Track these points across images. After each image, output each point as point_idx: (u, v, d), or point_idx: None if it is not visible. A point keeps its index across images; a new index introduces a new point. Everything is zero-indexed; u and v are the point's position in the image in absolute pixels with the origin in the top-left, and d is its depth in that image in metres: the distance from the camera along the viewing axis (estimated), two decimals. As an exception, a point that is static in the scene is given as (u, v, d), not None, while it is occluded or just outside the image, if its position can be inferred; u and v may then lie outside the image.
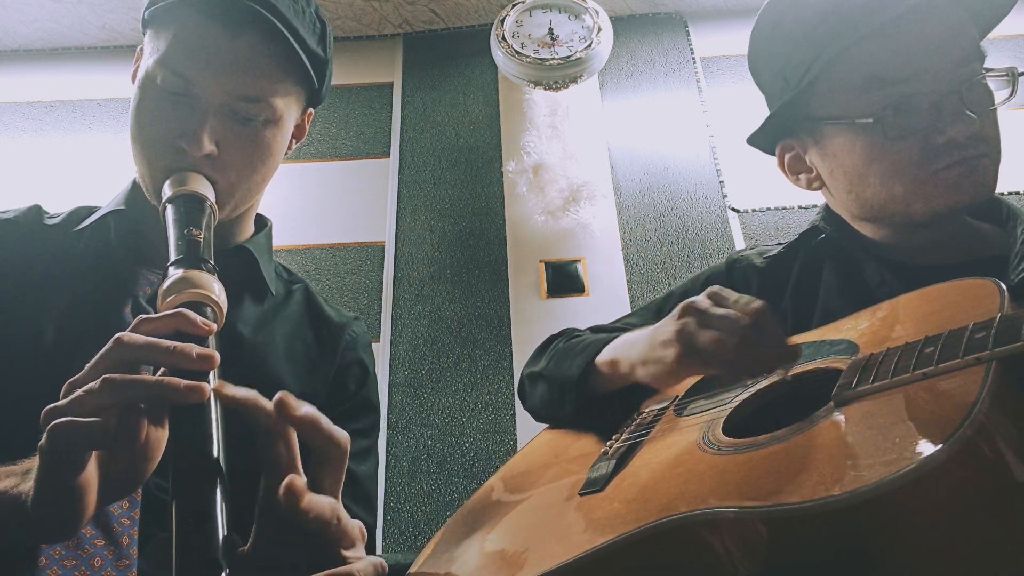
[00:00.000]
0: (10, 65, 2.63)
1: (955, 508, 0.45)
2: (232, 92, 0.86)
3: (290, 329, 0.99)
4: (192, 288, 0.65)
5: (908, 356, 0.58)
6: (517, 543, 0.70)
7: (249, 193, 0.94)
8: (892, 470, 0.45)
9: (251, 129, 0.89)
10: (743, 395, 0.74)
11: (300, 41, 0.90)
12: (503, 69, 2.33)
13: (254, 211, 1.04)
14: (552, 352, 1.03)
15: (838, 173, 0.91)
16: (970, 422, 0.46)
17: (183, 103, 0.86)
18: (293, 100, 0.95)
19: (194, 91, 0.86)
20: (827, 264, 0.96)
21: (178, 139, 0.84)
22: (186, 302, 0.64)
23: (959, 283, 0.69)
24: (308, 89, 0.97)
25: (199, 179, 0.83)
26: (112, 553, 0.71)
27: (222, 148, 0.86)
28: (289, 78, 0.92)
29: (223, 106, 0.86)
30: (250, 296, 0.98)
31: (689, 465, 0.64)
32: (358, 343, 1.05)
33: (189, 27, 0.87)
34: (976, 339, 0.54)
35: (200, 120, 0.85)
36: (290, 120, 0.96)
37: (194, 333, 0.60)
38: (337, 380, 0.99)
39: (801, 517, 0.47)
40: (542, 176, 2.25)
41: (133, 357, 0.57)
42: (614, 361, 0.87)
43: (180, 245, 0.72)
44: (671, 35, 2.66)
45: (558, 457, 0.88)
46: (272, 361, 0.93)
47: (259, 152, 0.91)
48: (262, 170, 0.93)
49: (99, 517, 0.72)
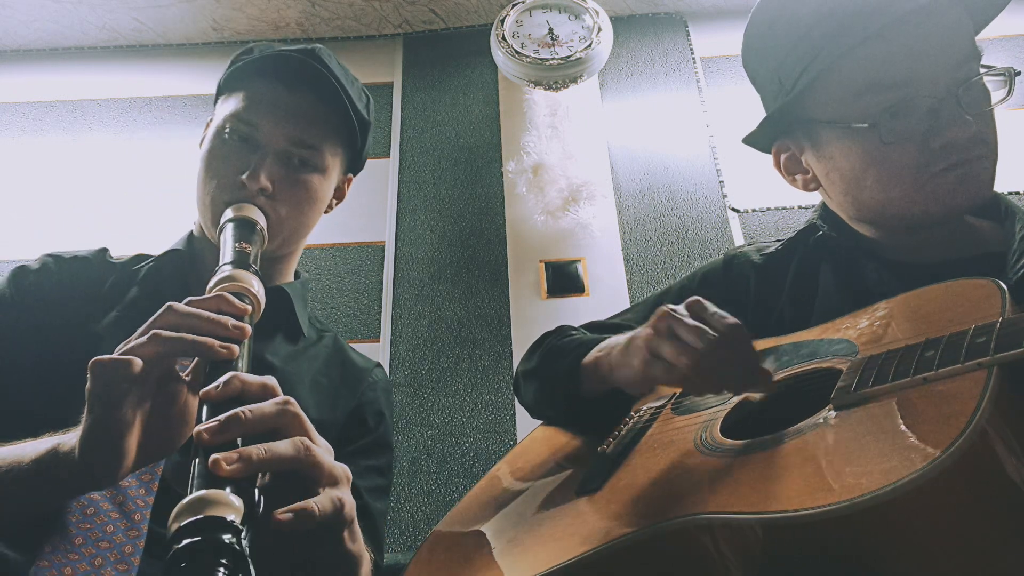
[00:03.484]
0: (10, 65, 2.62)
1: (956, 515, 0.44)
2: (289, 137, 1.02)
3: (317, 367, 1.07)
4: (235, 281, 0.78)
5: (908, 359, 0.58)
6: (512, 543, 0.69)
7: (296, 233, 1.07)
8: (892, 478, 0.44)
9: (302, 174, 1.03)
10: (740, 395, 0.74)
11: (350, 101, 1.06)
12: (503, 69, 2.32)
13: (296, 260, 1.17)
14: (544, 350, 1.03)
15: (835, 176, 0.91)
16: (972, 428, 0.45)
17: (247, 147, 1.01)
18: (339, 159, 1.10)
19: (256, 135, 1.01)
20: (825, 262, 0.96)
21: (239, 175, 0.98)
22: (229, 291, 0.75)
23: (959, 283, 0.68)
24: (351, 152, 1.13)
25: (254, 208, 0.96)
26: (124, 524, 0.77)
27: (276, 187, 1.00)
28: (338, 136, 1.08)
29: (281, 151, 1.01)
30: (283, 335, 1.08)
31: (686, 467, 0.63)
32: (378, 386, 1.13)
33: (257, 87, 1.03)
34: (977, 343, 0.54)
35: (260, 159, 1.00)
36: (334, 174, 1.10)
37: (232, 312, 0.71)
38: (356, 415, 1.06)
39: (799, 525, 0.47)
40: (542, 176, 2.25)
41: (179, 322, 0.67)
42: (597, 364, 0.88)
43: (231, 253, 0.85)
44: (671, 35, 2.65)
45: (554, 454, 0.87)
46: (298, 389, 1.01)
47: (307, 195, 1.04)
48: (308, 212, 1.06)
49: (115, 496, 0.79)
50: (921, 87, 0.82)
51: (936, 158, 0.82)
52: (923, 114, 0.82)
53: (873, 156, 0.85)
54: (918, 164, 0.83)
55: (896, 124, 0.83)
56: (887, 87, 0.83)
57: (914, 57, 0.82)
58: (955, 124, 0.81)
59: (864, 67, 0.84)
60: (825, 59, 0.85)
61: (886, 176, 0.85)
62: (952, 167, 0.82)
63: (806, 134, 0.93)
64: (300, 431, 0.60)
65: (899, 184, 0.84)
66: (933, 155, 0.82)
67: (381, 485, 1.04)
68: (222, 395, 0.60)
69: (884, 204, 0.87)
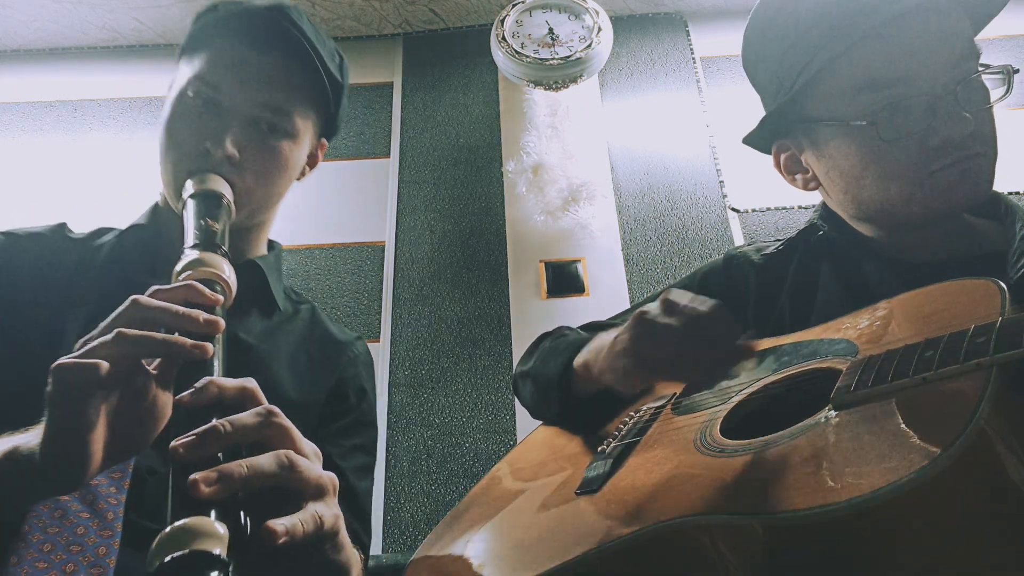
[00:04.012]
0: (10, 65, 2.62)
1: (956, 516, 0.44)
2: (256, 101, 0.94)
3: (294, 342, 1.02)
4: (204, 267, 0.70)
5: (908, 359, 0.58)
6: (513, 543, 0.69)
7: (265, 202, 0.99)
8: (892, 478, 0.44)
9: (271, 140, 0.95)
10: (740, 395, 0.74)
11: (322, 62, 0.98)
12: (503, 69, 2.32)
13: (267, 230, 1.09)
14: (540, 351, 1.04)
15: (834, 175, 0.91)
16: (972, 429, 0.45)
17: (211, 111, 0.93)
18: (311, 123, 1.02)
19: (221, 99, 0.93)
20: (825, 261, 0.96)
21: (203, 142, 0.90)
22: (198, 278, 0.68)
23: (959, 283, 0.68)
24: (324, 115, 1.04)
25: (219, 179, 0.88)
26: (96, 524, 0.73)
27: (243, 154, 0.92)
28: (308, 99, 0.99)
29: (247, 115, 0.93)
30: (258, 310, 1.01)
31: (686, 467, 0.63)
32: (359, 361, 1.08)
33: (222, 47, 0.95)
34: (977, 344, 0.54)
35: (225, 125, 0.92)
36: (306, 141, 1.02)
37: (202, 303, 0.65)
38: (337, 392, 1.01)
39: (799, 525, 0.47)
40: (542, 176, 2.25)
41: (146, 316, 0.61)
42: (586, 364, 0.88)
43: (197, 233, 0.77)
44: (671, 35, 2.65)
45: (554, 454, 0.87)
46: (275, 368, 0.96)
47: (276, 162, 0.97)
48: (278, 181, 0.99)
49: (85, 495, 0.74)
50: (919, 85, 0.82)
51: (934, 155, 0.82)
52: (921, 112, 0.82)
53: (872, 154, 0.85)
54: (917, 161, 0.83)
55: (895, 121, 0.83)
56: (885, 85, 0.83)
57: (912, 55, 0.82)
58: (953, 121, 0.81)
59: (862, 65, 0.84)
60: (823, 57, 0.85)
61: (885, 174, 0.85)
62: (950, 164, 0.82)
63: (805, 133, 0.93)
64: (284, 443, 0.57)
65: (898, 181, 0.84)
66: (931, 152, 0.82)
67: (366, 463, 1.02)
68: (197, 403, 0.56)
69: (884, 202, 0.87)
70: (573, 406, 0.92)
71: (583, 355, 0.90)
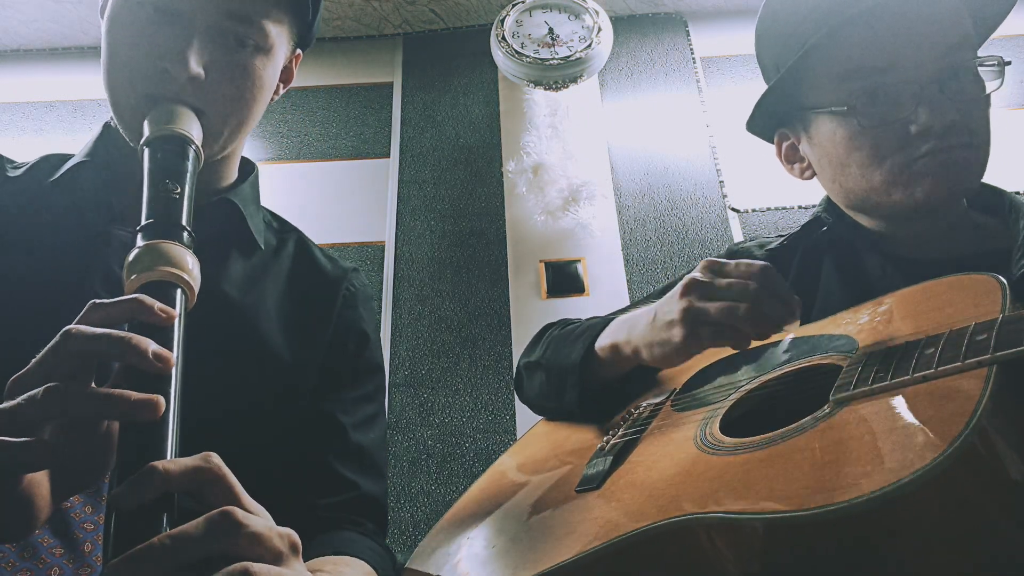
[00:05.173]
0: (10, 65, 2.63)
1: (957, 515, 0.44)
2: (221, 9, 0.77)
3: (282, 286, 0.90)
4: (161, 265, 0.57)
5: (908, 357, 0.58)
6: (512, 540, 0.69)
7: (238, 130, 0.84)
8: (892, 477, 0.44)
9: (241, 55, 0.80)
10: (740, 391, 0.74)
11: None
12: (503, 69, 2.33)
13: (238, 154, 0.94)
14: (548, 340, 1.02)
15: (824, 162, 0.91)
16: (973, 427, 0.45)
17: (166, 22, 0.76)
18: (285, 32, 0.86)
19: (179, 7, 0.76)
20: (827, 256, 0.96)
21: (161, 60, 0.75)
22: (154, 280, 0.56)
23: (960, 278, 0.68)
24: (300, 22, 0.88)
25: (184, 114, 0.73)
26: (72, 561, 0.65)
27: (210, 73, 0.77)
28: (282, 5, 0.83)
29: (211, 26, 0.78)
30: (237, 251, 0.89)
31: (686, 464, 0.63)
32: (357, 298, 0.96)
33: None
34: (977, 341, 0.54)
35: (186, 39, 0.76)
36: (280, 55, 0.86)
37: (152, 323, 0.53)
38: (335, 343, 0.91)
39: (799, 524, 0.47)
40: (542, 176, 2.25)
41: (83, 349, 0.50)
42: (615, 345, 0.87)
43: (154, 204, 0.62)
44: (671, 35, 2.65)
45: (555, 450, 0.87)
46: (263, 325, 0.85)
47: (249, 81, 0.81)
48: (252, 104, 0.83)
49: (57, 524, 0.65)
50: (903, 71, 0.81)
51: (915, 143, 0.82)
52: (905, 99, 0.82)
53: (856, 141, 0.85)
54: (897, 149, 0.82)
55: (875, 108, 0.82)
56: (870, 71, 0.82)
57: (899, 42, 0.81)
58: (934, 110, 0.80)
59: (848, 51, 0.83)
60: (809, 43, 0.85)
61: (867, 161, 0.85)
62: (930, 153, 0.81)
63: (800, 121, 0.93)
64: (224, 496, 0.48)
65: (880, 169, 0.84)
66: (912, 140, 0.82)
67: (371, 413, 0.92)
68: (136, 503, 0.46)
69: (868, 191, 0.87)
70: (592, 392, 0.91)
71: (607, 337, 0.88)
